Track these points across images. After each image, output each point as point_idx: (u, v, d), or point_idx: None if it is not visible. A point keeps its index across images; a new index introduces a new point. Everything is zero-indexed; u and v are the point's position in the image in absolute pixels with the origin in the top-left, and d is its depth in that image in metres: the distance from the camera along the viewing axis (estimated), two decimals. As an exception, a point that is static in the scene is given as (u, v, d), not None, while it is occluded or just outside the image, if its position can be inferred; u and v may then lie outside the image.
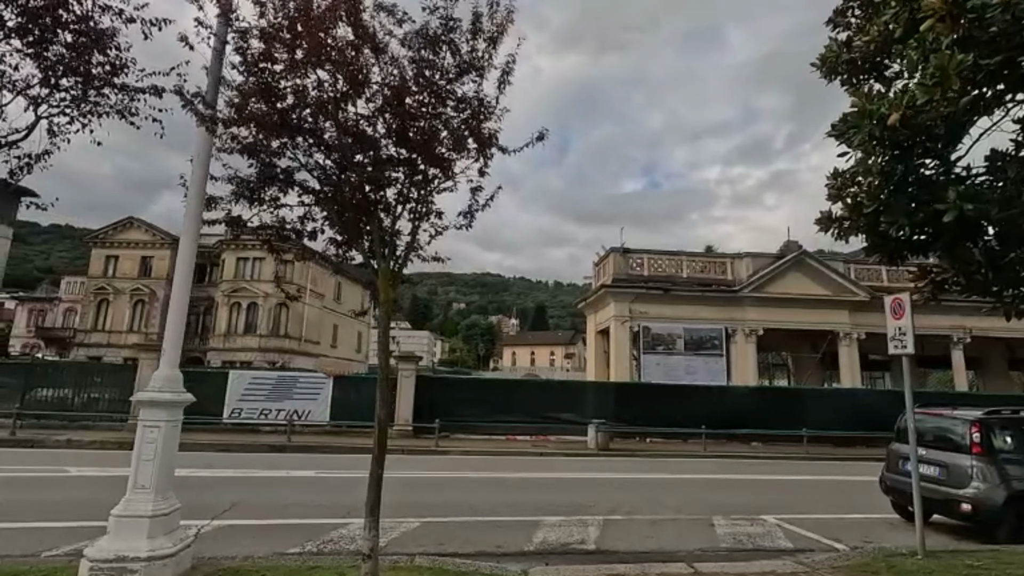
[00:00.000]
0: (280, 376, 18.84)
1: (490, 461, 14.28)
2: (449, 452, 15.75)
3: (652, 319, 21.66)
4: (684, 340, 21.68)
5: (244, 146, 4.94)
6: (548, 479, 11.55)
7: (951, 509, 7.10)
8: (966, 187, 5.35)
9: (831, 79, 7.14)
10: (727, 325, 22.28)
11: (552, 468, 13.26)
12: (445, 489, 9.86)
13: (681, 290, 21.97)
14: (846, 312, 22.92)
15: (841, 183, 6.77)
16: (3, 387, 17.33)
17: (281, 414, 17.99)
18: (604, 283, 22.47)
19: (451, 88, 4.88)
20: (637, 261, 22.33)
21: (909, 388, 6.13)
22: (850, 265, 23.69)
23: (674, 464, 14.64)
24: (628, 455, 16.47)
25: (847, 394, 21.35)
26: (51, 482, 9.84)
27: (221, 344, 42.02)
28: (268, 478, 10.53)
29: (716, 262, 23.05)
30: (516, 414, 19.44)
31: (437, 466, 12.88)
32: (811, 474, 13.55)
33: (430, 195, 5.41)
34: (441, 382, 21.62)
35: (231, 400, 18.13)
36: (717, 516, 8.08)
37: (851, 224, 6.67)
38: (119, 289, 42.85)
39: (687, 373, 21.28)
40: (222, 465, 11.88)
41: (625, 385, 20.67)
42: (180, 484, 9.63)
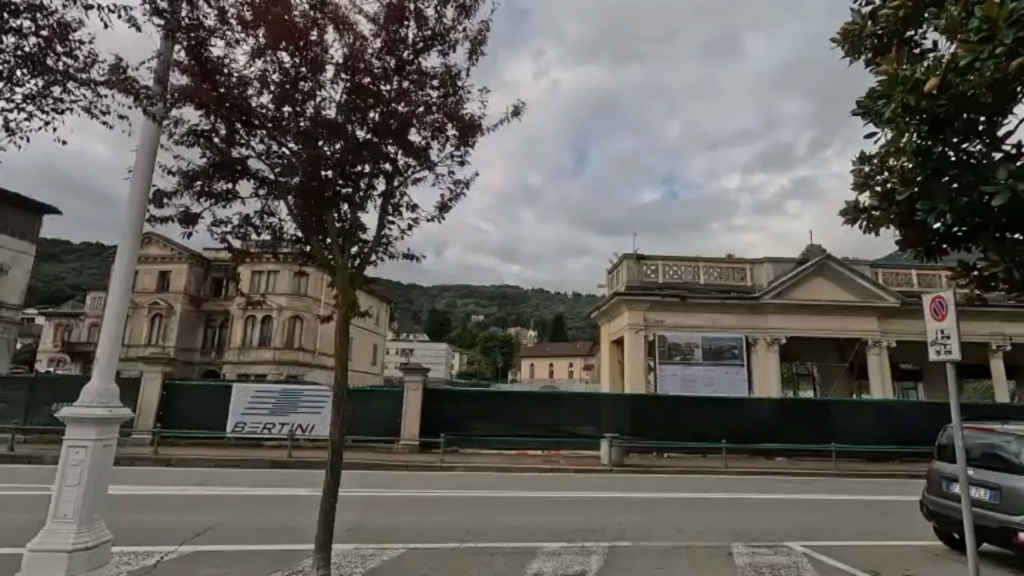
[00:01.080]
0: (284, 389, 18.42)
1: (496, 478, 13.58)
2: (455, 468, 15.08)
3: (668, 328, 20.78)
4: (702, 349, 20.73)
5: (192, 131, 4.43)
6: (555, 499, 10.81)
7: (1006, 539, 6.21)
8: (1021, 164, 4.60)
9: (854, 58, 6.41)
10: (748, 333, 21.27)
11: (561, 486, 12.50)
12: (442, 510, 9.19)
13: (698, 297, 21.06)
14: (875, 319, 21.74)
15: (870, 170, 6.03)
16: (4, 401, 17.14)
17: (285, 428, 17.52)
18: (617, 291, 21.68)
19: (416, 61, 4.31)
20: (651, 268, 21.51)
21: (955, 400, 5.33)
22: (878, 269, 22.53)
23: (692, 482, 13.75)
24: (643, 471, 15.60)
25: (878, 406, 20.15)
26: (22, 502, 9.40)
27: (236, 357, 42.07)
28: (258, 497, 9.99)
29: (735, 268, 22.10)
30: (528, 428, 18.72)
31: (439, 484, 12.22)
32: (841, 493, 12.55)
33: (401, 186, 4.82)
34: (450, 395, 21.01)
35: (234, 413, 17.75)
36: (737, 543, 7.28)
37: (882, 214, 5.91)
38: (137, 304, 43.21)
39: (706, 384, 20.31)
40: (216, 482, 11.42)
41: (640, 397, 19.80)
42: (162, 504, 9.23)
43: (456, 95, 4.70)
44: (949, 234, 5.82)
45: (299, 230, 4.53)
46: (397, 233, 4.92)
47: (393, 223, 4.97)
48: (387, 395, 18.99)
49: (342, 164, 4.33)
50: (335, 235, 4.34)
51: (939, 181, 5.30)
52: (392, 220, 4.92)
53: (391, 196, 4.61)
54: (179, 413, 17.56)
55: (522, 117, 4.53)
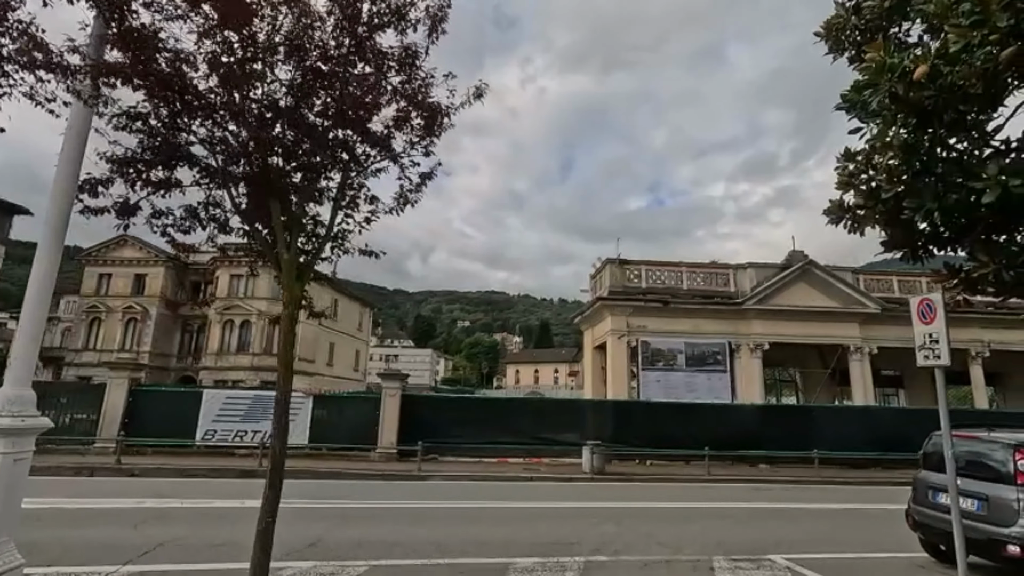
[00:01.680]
0: (257, 395, 17.83)
1: (474, 488, 13.18)
2: (432, 477, 14.64)
3: (651, 333, 20.57)
4: (685, 355, 20.55)
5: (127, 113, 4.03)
6: (533, 509, 10.44)
7: (993, 551, 5.99)
8: (1012, 160, 4.39)
9: (838, 54, 6.21)
10: (731, 339, 21.15)
11: (541, 495, 12.14)
12: (414, 522, 8.78)
13: (681, 302, 20.90)
14: (856, 325, 21.76)
15: (854, 168, 5.81)
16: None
17: (258, 436, 16.96)
18: (600, 296, 21.44)
19: (372, 39, 3.97)
20: (635, 272, 21.31)
21: (945, 407, 5.09)
22: (859, 275, 22.59)
23: (674, 490, 13.48)
24: (625, 479, 15.31)
25: (860, 412, 20.12)
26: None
27: (213, 363, 41.09)
28: (221, 510, 9.48)
29: (718, 273, 21.99)
30: (509, 435, 18.35)
31: (414, 494, 11.79)
32: (824, 501, 12.36)
33: (359, 176, 4.46)
34: (429, 402, 20.53)
35: (204, 421, 17.14)
36: (718, 557, 6.98)
37: (867, 213, 5.67)
38: (111, 307, 42.17)
39: (689, 390, 20.11)
40: (178, 493, 10.88)
41: (623, 403, 19.52)
42: (115, 518, 8.66)
43: (419, 80, 4.37)
44: (936, 234, 5.61)
45: (243, 221, 4.15)
46: (354, 227, 4.55)
47: (351, 216, 4.61)
48: (364, 401, 18.50)
49: (290, 151, 3.97)
50: (280, 227, 3.98)
51: (927, 178, 5.08)
52: (350, 213, 4.56)
53: (346, 187, 4.26)
54: (146, 420, 16.89)
55: (484, 100, 4.21)
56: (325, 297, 48.39)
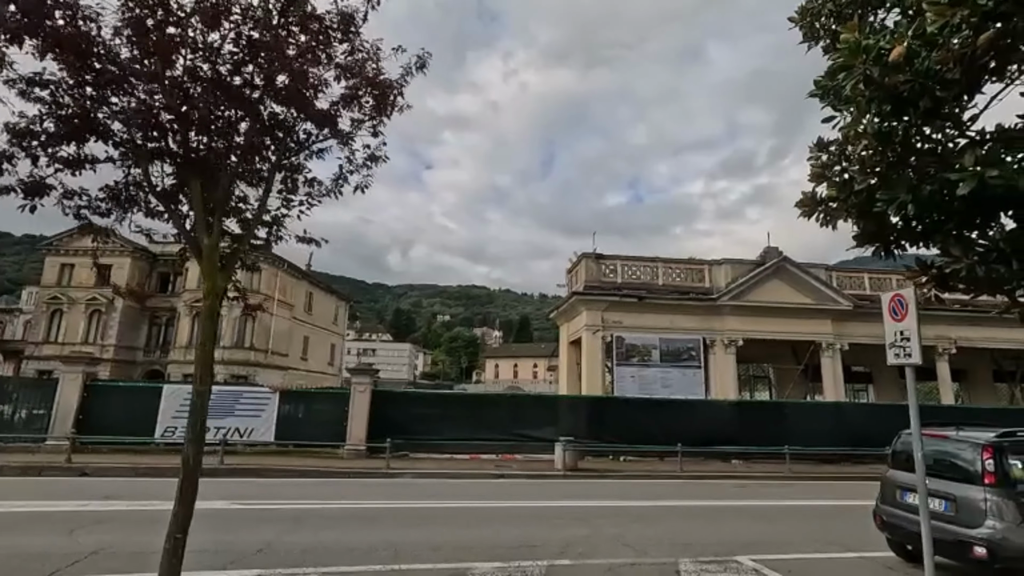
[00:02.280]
0: (220, 391, 17.16)
1: (442, 486, 12.86)
2: (401, 475, 14.28)
3: (626, 329, 20.43)
4: (660, 351, 20.47)
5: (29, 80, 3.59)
6: (500, 509, 10.17)
7: (962, 553, 5.87)
8: (988, 150, 4.20)
9: (812, 43, 5.98)
10: (705, 335, 21.14)
11: (509, 494, 11.88)
12: (372, 524, 8.42)
13: (657, 298, 20.80)
14: (829, 322, 21.94)
15: (827, 159, 5.60)
16: None
17: (221, 432, 16.35)
18: (576, 291, 21.23)
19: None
20: (610, 267, 21.13)
21: (915, 406, 4.92)
22: (832, 273, 22.77)
23: (646, 488, 13.34)
24: (598, 476, 15.15)
25: (831, 408, 20.29)
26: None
27: (182, 357, 39.87)
28: (166, 513, 8.96)
29: (694, 269, 21.95)
30: (482, 431, 18.02)
31: (379, 493, 11.42)
32: (794, 498, 12.33)
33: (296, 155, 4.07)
34: (401, 397, 20.13)
35: (164, 418, 16.50)
36: (685, 559, 6.78)
37: (839, 206, 5.46)
38: (74, 299, 40.68)
39: (663, 386, 20.04)
40: (126, 495, 10.36)
41: (597, 399, 19.38)
42: (53, 522, 8.09)
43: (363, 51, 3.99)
44: (909, 229, 5.43)
45: (161, 202, 3.75)
46: (293, 212, 4.17)
47: (291, 200, 4.22)
48: (334, 397, 18.01)
49: (215, 126, 3.57)
50: (202, 209, 3.59)
51: (901, 169, 4.88)
52: (290, 197, 4.17)
53: (279, 168, 3.88)
54: (103, 417, 16.18)
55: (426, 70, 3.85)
56: (300, 290, 47.50)
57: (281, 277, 43.58)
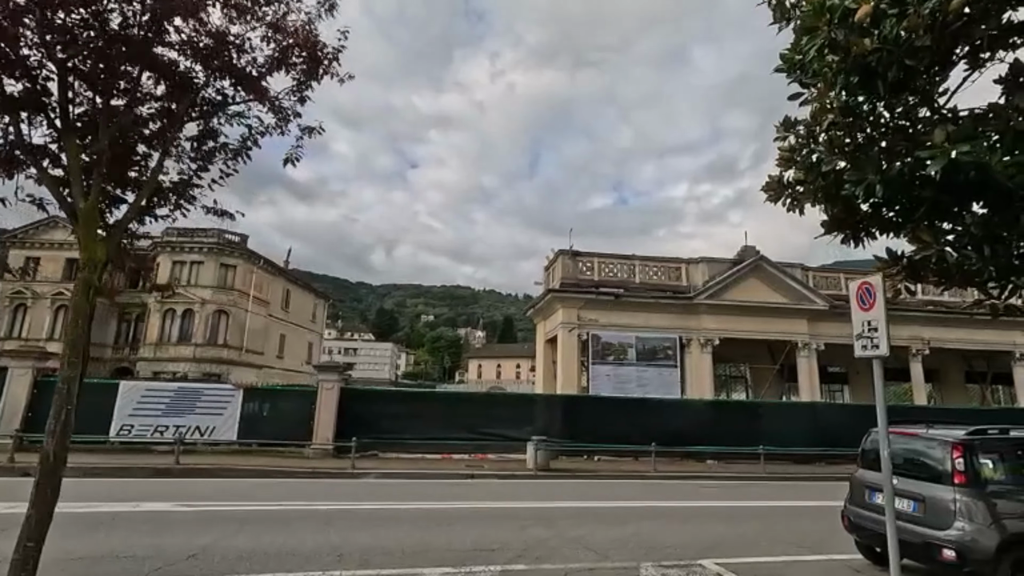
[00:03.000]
0: (180, 388, 16.58)
1: (408, 486, 12.43)
2: (366, 475, 13.80)
3: (602, 327, 20.18)
4: (636, 350, 20.24)
5: None
6: (463, 510, 9.77)
7: (930, 555, 5.63)
8: (960, 126, 3.93)
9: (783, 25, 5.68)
10: (682, 334, 20.98)
11: (476, 495, 11.49)
12: (322, 526, 7.96)
13: (633, 296, 20.58)
14: (805, 321, 21.92)
15: (795, 142, 5.31)
16: None
17: (181, 431, 15.72)
18: (552, 288, 20.93)
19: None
20: (587, 265, 20.86)
21: (882, 402, 4.64)
22: (809, 272, 22.77)
23: (617, 488, 13.04)
24: (570, 476, 14.82)
25: (806, 408, 20.24)
26: None
27: (152, 354, 38.82)
28: (113, 515, 8.44)
29: (671, 267, 21.78)
30: (455, 430, 17.62)
31: (339, 494, 10.95)
32: (767, 499, 12.13)
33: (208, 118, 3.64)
34: (372, 395, 19.62)
35: (120, 415, 15.81)
36: (647, 563, 6.46)
37: (806, 189, 5.19)
38: (38, 293, 39.34)
39: (639, 385, 19.82)
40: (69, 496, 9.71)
41: (572, 398, 19.08)
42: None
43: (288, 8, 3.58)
44: (878, 215, 5.17)
45: (26, 156, 3.29)
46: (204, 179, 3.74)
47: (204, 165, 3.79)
48: (300, 395, 17.43)
49: (98, 76, 3.13)
50: (78, 169, 3.15)
51: (870, 149, 4.61)
52: (199, 162, 3.74)
53: (177, 126, 3.44)
54: (54, 414, 15.44)
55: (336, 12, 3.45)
56: (276, 287, 46.56)
57: (257, 273, 42.64)
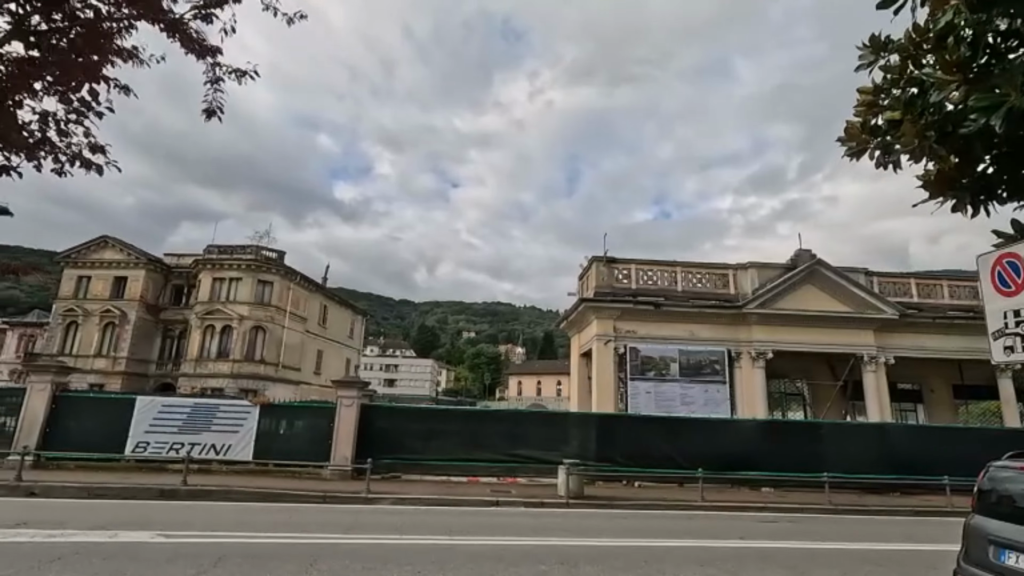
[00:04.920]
0: (197, 404, 15.99)
1: (421, 515, 11.22)
2: (381, 500, 12.71)
3: (641, 339, 18.59)
4: (679, 364, 18.54)
5: None
6: (474, 548, 8.47)
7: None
8: None
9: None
10: (730, 347, 19.13)
11: (495, 528, 10.16)
12: (309, 565, 6.82)
13: (675, 305, 18.92)
14: (871, 332, 19.67)
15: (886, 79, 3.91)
16: None
17: (196, 448, 15.10)
18: (585, 297, 19.52)
19: None
20: (624, 272, 19.37)
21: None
22: (873, 278, 20.52)
23: (657, 521, 11.44)
24: (605, 506, 13.28)
25: (875, 430, 17.98)
26: None
27: (193, 369, 39.39)
28: (61, 546, 7.55)
29: (716, 274, 19.99)
30: (483, 451, 16.43)
31: (342, 523, 9.85)
32: (838, 539, 10.29)
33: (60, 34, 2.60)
34: (396, 412, 18.60)
35: (136, 431, 15.31)
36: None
37: (906, 129, 3.79)
38: (88, 311, 40.64)
39: (683, 403, 18.08)
40: (47, 522, 8.99)
41: (609, 417, 17.51)
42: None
43: None
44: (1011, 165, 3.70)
45: None
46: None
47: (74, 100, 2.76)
48: (319, 412, 16.59)
49: None
50: None
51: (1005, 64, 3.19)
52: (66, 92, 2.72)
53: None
54: (71, 430, 15.13)
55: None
56: (313, 303, 46.77)
57: (293, 290, 42.93)
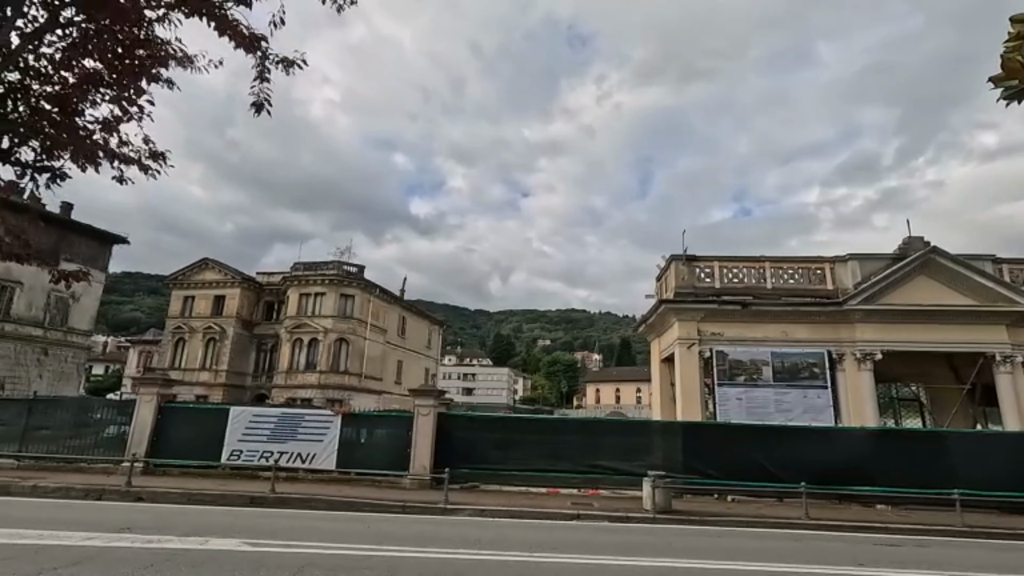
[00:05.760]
0: (283, 414, 16.59)
1: (500, 528, 10.83)
2: (458, 511, 12.48)
3: (728, 342, 17.28)
4: (773, 368, 17.03)
5: None
6: (558, 567, 7.93)
7: None
8: None
9: None
10: (831, 348, 17.35)
11: (576, 543, 9.57)
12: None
13: (765, 304, 17.44)
14: (1003, 328, 17.17)
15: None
16: (4, 425, 16.36)
17: (284, 457, 15.66)
18: (664, 298, 18.48)
19: None
20: (706, 270, 18.15)
21: None
22: (1002, 266, 17.96)
23: (756, 541, 10.36)
24: (696, 521, 12.28)
25: (1015, 440, 15.58)
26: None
27: (284, 381, 41.74)
28: (159, 552, 7.79)
29: (811, 268, 18.25)
30: (562, 461, 15.86)
31: (419, 536, 9.64)
32: (980, 567, 8.79)
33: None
34: (473, 421, 18.44)
35: (231, 440, 16.09)
36: None
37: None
38: (193, 328, 44.14)
39: (779, 410, 16.58)
40: (150, 527, 9.42)
41: (696, 426, 16.36)
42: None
43: None
44: None
45: None
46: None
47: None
48: (397, 420, 16.71)
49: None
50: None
51: None
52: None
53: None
54: (174, 439, 16.15)
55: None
56: (392, 315, 48.24)
57: (373, 302, 44.49)
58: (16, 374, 34.79)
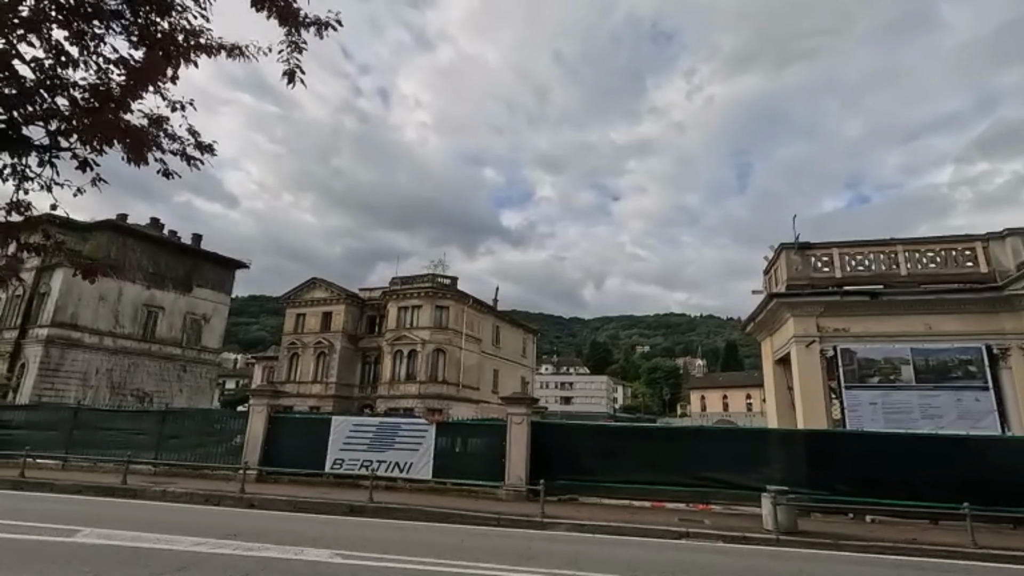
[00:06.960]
0: (381, 423, 16.85)
1: (602, 545, 10.01)
2: (556, 525, 11.78)
3: (855, 338, 15.12)
4: (914, 367, 14.62)
5: None
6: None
7: None
8: None
9: None
10: (990, 341, 14.60)
11: (691, 568, 8.52)
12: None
13: (900, 293, 15.06)
14: None
15: None
16: (143, 434, 18.05)
17: (383, 466, 15.88)
18: (775, 292, 16.61)
19: None
20: (823, 258, 16.05)
21: None
22: None
23: (916, 574, 8.66)
24: (830, 545, 10.63)
25: None
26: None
27: (387, 391, 43.35)
28: (253, 560, 7.84)
29: (958, 249, 15.49)
30: (667, 473, 14.64)
31: (514, 552, 9.08)
32: None
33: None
34: (567, 430, 17.69)
35: (333, 449, 16.58)
36: None
37: None
38: (305, 343, 47.24)
39: (924, 416, 14.18)
40: (252, 535, 9.67)
41: (821, 435, 14.42)
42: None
43: None
44: None
45: None
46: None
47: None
48: (491, 429, 16.38)
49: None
50: None
51: None
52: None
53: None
54: (283, 448, 16.93)
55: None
56: (486, 324, 48.70)
57: (467, 313, 45.14)
58: (161, 388, 39.13)
